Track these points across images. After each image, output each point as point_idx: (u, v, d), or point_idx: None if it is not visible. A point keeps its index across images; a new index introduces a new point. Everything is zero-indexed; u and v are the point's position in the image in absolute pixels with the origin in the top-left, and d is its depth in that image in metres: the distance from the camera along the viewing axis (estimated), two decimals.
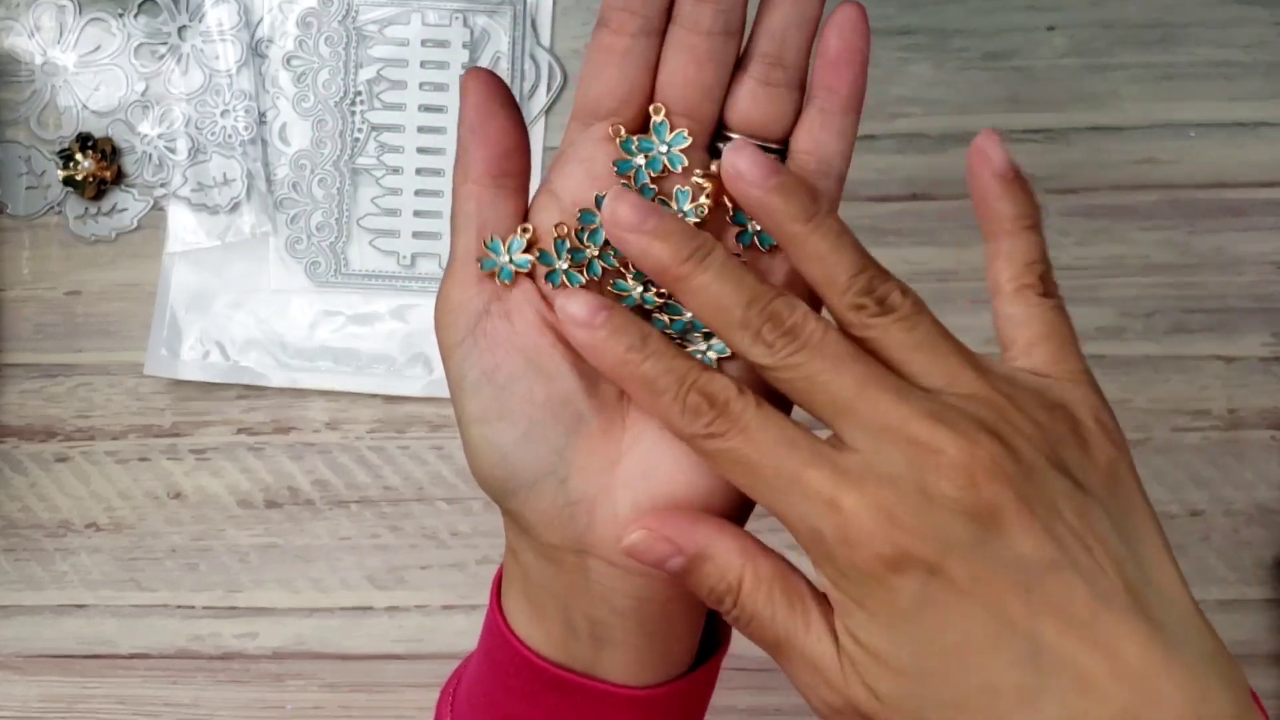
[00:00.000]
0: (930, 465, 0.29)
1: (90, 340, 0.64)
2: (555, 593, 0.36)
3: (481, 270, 0.35)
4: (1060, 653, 0.29)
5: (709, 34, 0.33)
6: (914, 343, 0.31)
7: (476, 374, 0.34)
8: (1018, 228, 0.33)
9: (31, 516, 0.64)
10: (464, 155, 0.35)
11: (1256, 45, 0.63)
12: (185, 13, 0.64)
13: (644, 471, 0.34)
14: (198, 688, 0.64)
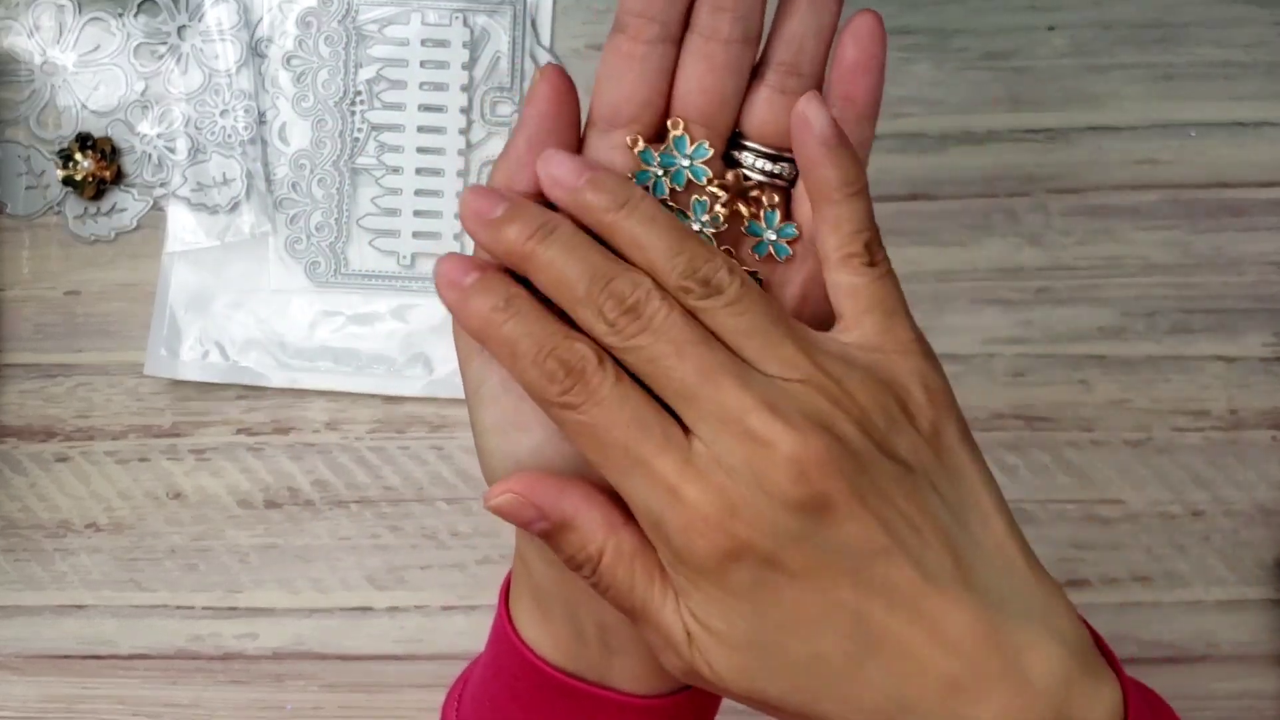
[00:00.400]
0: (765, 459, 0.29)
1: (90, 340, 0.64)
2: (564, 599, 0.36)
3: None
4: (885, 627, 0.30)
5: (727, 42, 0.33)
6: (744, 328, 0.31)
7: (494, 383, 0.34)
8: (843, 195, 0.33)
9: (31, 517, 0.64)
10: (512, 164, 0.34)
11: (1257, 45, 0.63)
12: (185, 12, 0.64)
13: None
14: (198, 688, 0.63)
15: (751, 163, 0.34)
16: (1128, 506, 0.63)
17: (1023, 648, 0.30)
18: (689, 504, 0.30)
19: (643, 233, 0.32)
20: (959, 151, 0.63)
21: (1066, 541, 0.63)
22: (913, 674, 0.30)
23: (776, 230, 0.34)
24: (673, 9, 0.33)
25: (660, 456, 0.30)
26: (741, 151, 0.34)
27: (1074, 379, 0.63)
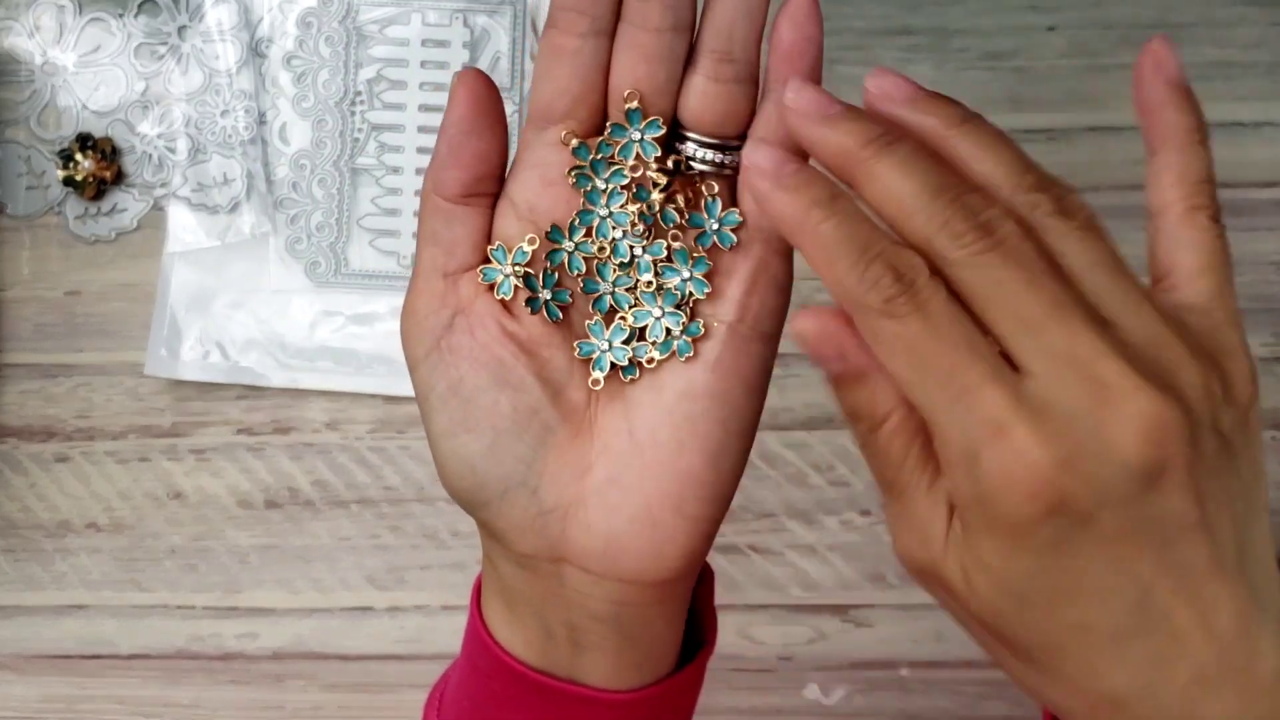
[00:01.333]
0: (1112, 412, 0.27)
1: (90, 340, 0.64)
2: (531, 599, 0.36)
3: (481, 280, 0.34)
4: (1165, 607, 0.29)
5: (658, 31, 0.32)
6: (1093, 259, 0.29)
7: (443, 387, 0.34)
8: (1191, 140, 0.31)
9: (31, 517, 0.64)
10: (439, 167, 0.34)
11: (1257, 45, 0.63)
12: (185, 13, 0.64)
13: (613, 479, 0.34)
14: (198, 688, 0.63)
15: (694, 153, 0.34)
16: None
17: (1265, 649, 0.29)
18: (1017, 445, 0.27)
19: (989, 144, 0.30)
20: None
21: None
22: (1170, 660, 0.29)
23: (719, 219, 0.34)
24: (602, 3, 0.33)
25: (989, 385, 0.28)
26: (683, 143, 0.34)
27: None
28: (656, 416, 0.34)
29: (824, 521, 0.63)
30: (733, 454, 0.35)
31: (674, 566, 0.35)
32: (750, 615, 0.63)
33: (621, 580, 0.35)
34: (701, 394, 0.34)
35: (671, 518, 0.34)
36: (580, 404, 0.35)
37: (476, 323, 0.34)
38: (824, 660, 0.63)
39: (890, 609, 0.63)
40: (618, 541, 0.34)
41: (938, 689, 0.63)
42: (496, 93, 0.34)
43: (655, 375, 0.34)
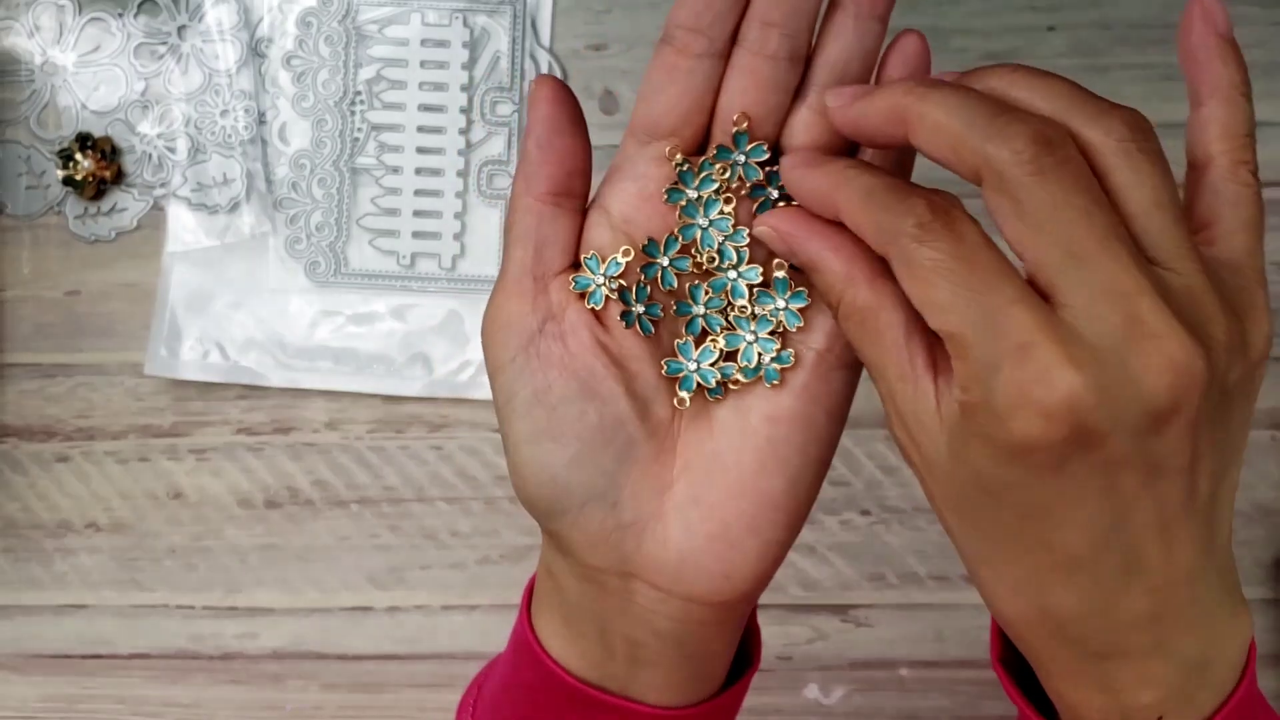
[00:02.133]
0: (1144, 351, 0.28)
1: (90, 340, 0.64)
2: (594, 614, 0.36)
3: (573, 288, 0.34)
4: (1134, 540, 0.29)
5: (773, 58, 0.32)
6: (1156, 200, 0.29)
7: (528, 393, 0.34)
8: (1239, 94, 0.32)
9: (31, 517, 0.64)
10: (528, 168, 0.34)
11: (1256, 45, 0.63)
12: (185, 13, 0.64)
13: (695, 497, 0.34)
14: (198, 688, 0.63)
15: None
16: None
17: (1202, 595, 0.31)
18: (1040, 364, 0.27)
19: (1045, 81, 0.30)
20: None
21: None
22: (1117, 592, 0.30)
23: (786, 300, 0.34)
24: (721, 25, 0.33)
25: (1018, 306, 0.28)
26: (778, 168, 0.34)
27: None
28: (740, 439, 0.34)
29: (824, 521, 0.63)
30: (810, 479, 0.35)
31: (743, 588, 0.35)
32: None
33: (690, 599, 0.35)
34: (785, 419, 0.34)
35: (748, 539, 0.34)
36: (665, 421, 0.35)
37: (569, 330, 0.34)
38: (824, 660, 0.63)
39: (890, 609, 0.63)
40: (692, 559, 0.34)
41: (937, 689, 0.63)
42: (574, 97, 0.34)
43: (740, 398, 0.34)
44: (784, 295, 0.34)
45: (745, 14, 0.33)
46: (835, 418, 0.35)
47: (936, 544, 0.63)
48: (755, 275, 0.34)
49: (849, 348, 0.34)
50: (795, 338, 0.34)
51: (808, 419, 0.34)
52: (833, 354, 0.34)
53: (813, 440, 0.34)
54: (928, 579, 0.63)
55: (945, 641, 0.63)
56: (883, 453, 0.63)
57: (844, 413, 0.35)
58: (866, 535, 0.63)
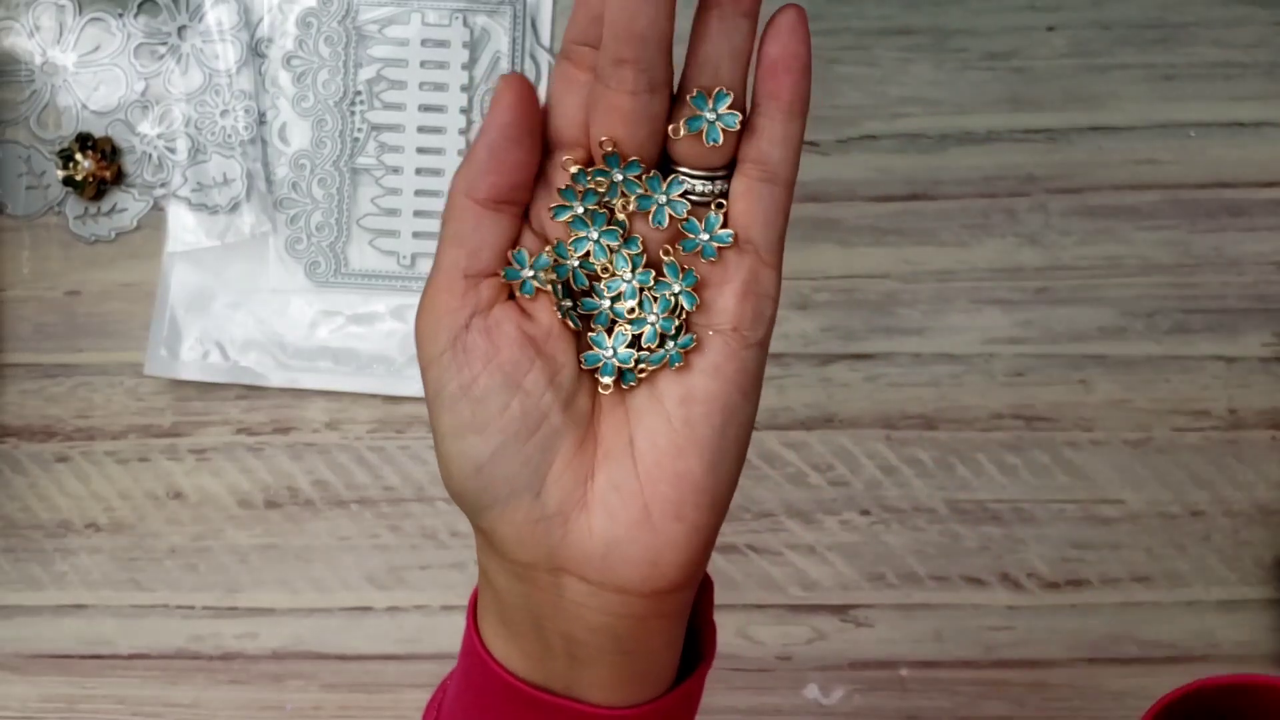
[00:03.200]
0: None
1: (90, 340, 0.64)
2: (529, 612, 0.36)
3: (503, 279, 0.35)
4: None
5: (634, 94, 0.33)
6: None
7: (454, 387, 0.34)
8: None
9: (31, 517, 0.64)
10: (473, 170, 0.34)
11: (1256, 45, 0.63)
12: (185, 13, 0.64)
13: (615, 484, 0.35)
14: (197, 688, 0.63)
15: (687, 184, 0.34)
16: (1127, 506, 0.63)
17: None
18: None
19: None
20: (959, 151, 0.63)
21: (1066, 541, 0.63)
22: None
23: (713, 234, 0.35)
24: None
25: None
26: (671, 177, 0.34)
27: (1074, 379, 0.63)
28: (655, 423, 0.35)
29: (823, 521, 0.63)
30: (730, 460, 0.35)
31: (671, 575, 0.35)
32: (749, 615, 0.63)
33: (620, 590, 0.35)
34: (699, 400, 0.35)
35: (670, 524, 0.34)
36: (587, 412, 0.35)
37: (494, 325, 0.35)
38: (823, 660, 0.63)
39: (889, 609, 0.63)
40: (617, 548, 0.35)
41: (937, 689, 0.63)
42: (538, 102, 0.34)
43: (654, 383, 0.35)
44: (677, 279, 0.35)
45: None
46: (749, 396, 0.35)
47: (936, 544, 0.63)
48: (648, 279, 0.35)
49: (755, 326, 0.35)
50: (700, 319, 0.35)
51: (722, 399, 0.35)
52: (738, 334, 0.35)
53: (730, 420, 0.35)
54: (927, 579, 0.63)
55: (945, 641, 0.63)
56: (883, 453, 0.63)
57: (756, 391, 0.36)
58: (866, 535, 0.63)
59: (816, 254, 0.63)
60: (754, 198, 0.34)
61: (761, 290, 0.35)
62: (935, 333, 0.63)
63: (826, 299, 0.63)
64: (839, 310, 0.63)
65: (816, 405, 0.63)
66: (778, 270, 0.35)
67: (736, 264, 0.35)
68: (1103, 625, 0.62)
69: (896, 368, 0.63)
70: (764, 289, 0.35)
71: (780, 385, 0.63)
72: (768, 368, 0.60)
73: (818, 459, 0.63)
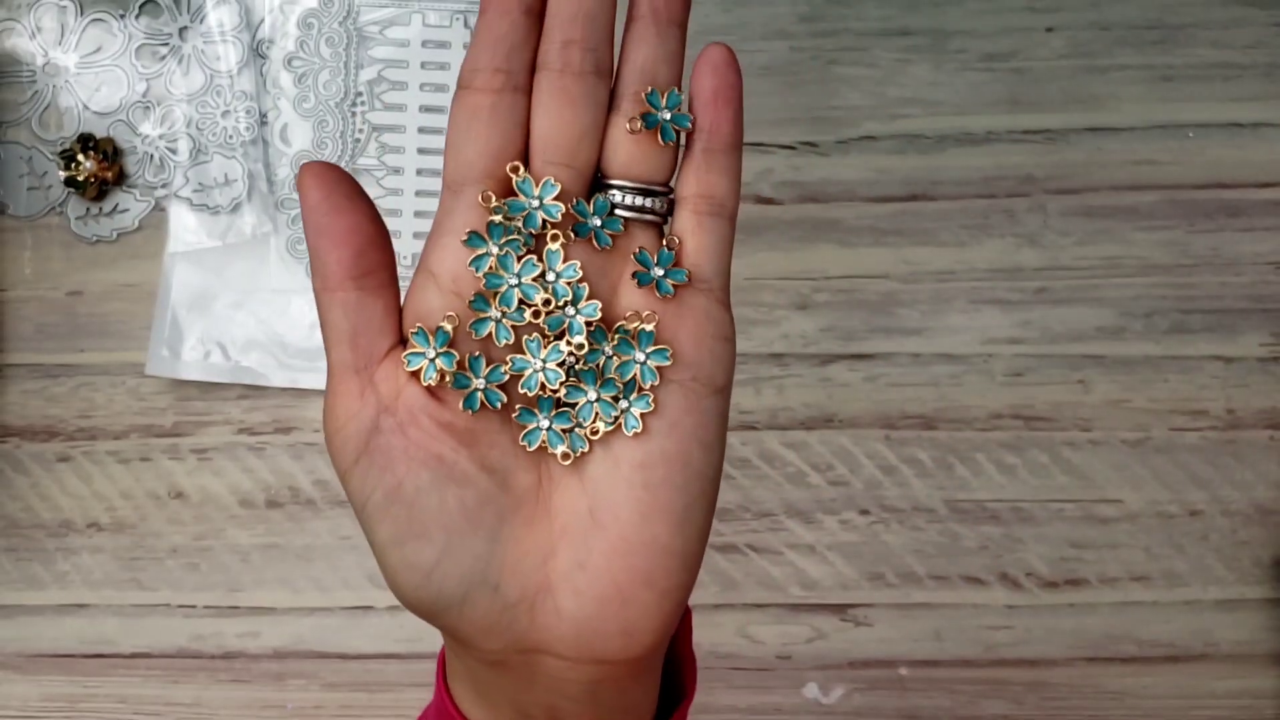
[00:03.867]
0: None
1: (92, 340, 0.64)
2: (504, 690, 0.35)
3: (406, 368, 0.32)
4: None
5: (579, 74, 0.32)
6: None
7: (380, 495, 0.32)
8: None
9: (33, 516, 0.64)
10: (316, 260, 0.32)
11: (1255, 46, 0.63)
12: (186, 14, 0.64)
13: (579, 562, 0.32)
14: (199, 687, 0.64)
15: (621, 200, 0.32)
16: (1126, 506, 0.63)
17: None
18: None
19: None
20: (958, 152, 0.64)
21: (1065, 541, 0.63)
22: None
23: (666, 270, 0.33)
24: (519, 56, 0.32)
25: None
26: (608, 191, 0.33)
27: (1072, 379, 0.63)
28: (615, 491, 0.32)
29: (823, 521, 0.63)
30: (698, 514, 0.33)
31: (647, 641, 0.33)
32: (749, 614, 0.63)
33: (595, 662, 0.33)
34: (658, 461, 0.32)
35: (643, 593, 0.32)
36: (531, 486, 0.33)
37: (407, 419, 0.32)
38: (823, 659, 0.63)
39: (889, 608, 0.63)
40: (589, 625, 0.33)
41: (936, 688, 0.63)
42: (346, 173, 0.33)
43: (608, 447, 0.32)
44: (645, 348, 0.32)
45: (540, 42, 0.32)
46: (711, 447, 0.33)
47: (936, 544, 0.63)
48: (594, 311, 0.32)
49: (714, 373, 0.33)
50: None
51: (682, 457, 0.32)
52: (698, 382, 0.33)
53: (693, 477, 0.33)
54: (927, 578, 0.63)
55: (944, 641, 0.63)
56: (882, 453, 0.63)
57: (719, 441, 0.33)
58: (866, 535, 0.63)
59: (816, 254, 0.63)
60: (704, 232, 0.33)
61: (718, 332, 0.33)
62: (934, 333, 0.63)
63: (826, 299, 0.64)
64: (838, 310, 0.63)
65: (816, 405, 0.63)
66: (729, 307, 0.34)
67: (690, 304, 0.33)
68: (1101, 624, 0.63)
69: (896, 368, 0.63)
70: (720, 330, 0.33)
71: (780, 385, 0.63)
72: (768, 368, 0.60)
73: (817, 459, 0.63)
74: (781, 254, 0.64)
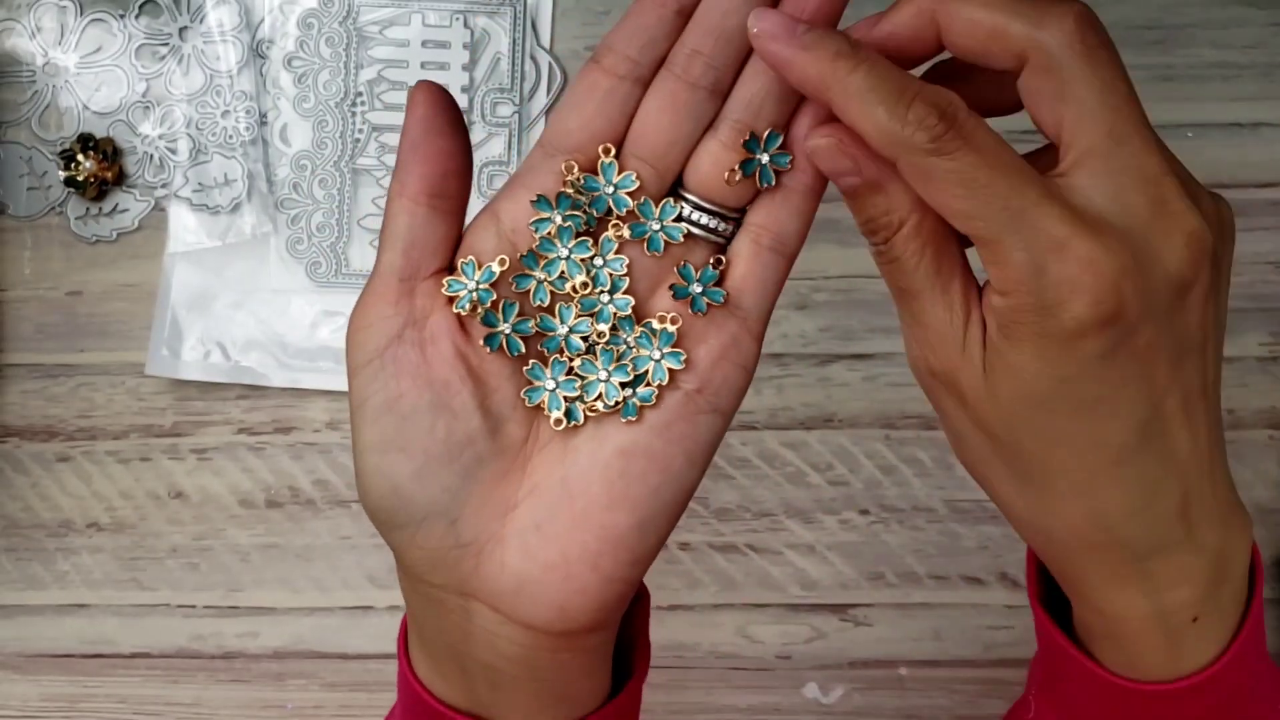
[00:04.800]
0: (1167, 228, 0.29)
1: (91, 340, 0.64)
2: (442, 637, 0.36)
3: (446, 290, 0.33)
4: (1166, 425, 0.31)
5: (694, 86, 0.32)
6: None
7: (379, 401, 0.33)
8: None
9: (33, 516, 0.64)
10: (401, 169, 0.34)
11: (1254, 46, 0.63)
12: (186, 14, 0.64)
13: (537, 523, 0.33)
14: (199, 687, 0.64)
15: (691, 215, 0.33)
16: None
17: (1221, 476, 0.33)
18: (1082, 255, 0.29)
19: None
20: None
21: None
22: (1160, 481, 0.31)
23: (706, 288, 0.33)
24: (651, 50, 0.32)
25: (1047, 203, 0.29)
26: (681, 202, 0.33)
27: None
28: (592, 468, 0.33)
29: (823, 521, 0.63)
30: (660, 523, 0.34)
31: (580, 620, 0.34)
32: (749, 614, 0.63)
33: (527, 626, 0.34)
34: (641, 454, 0.33)
35: (586, 573, 0.33)
36: (518, 441, 0.34)
37: (429, 338, 0.33)
38: (823, 659, 0.63)
39: (889, 608, 0.63)
40: (528, 588, 0.33)
41: (936, 688, 0.63)
42: (453, 100, 0.34)
43: (599, 425, 0.33)
44: (664, 347, 0.33)
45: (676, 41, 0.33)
46: (695, 462, 0.34)
47: (935, 543, 0.63)
48: (626, 306, 0.33)
49: (721, 394, 0.34)
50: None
51: (664, 459, 0.33)
52: (703, 396, 0.33)
53: (667, 482, 0.33)
54: (927, 578, 0.63)
55: (944, 641, 0.63)
56: (882, 452, 0.63)
57: (704, 459, 0.34)
58: (865, 534, 0.63)
59: (816, 254, 0.64)
60: (758, 264, 0.34)
61: (739, 359, 0.34)
62: None
63: (826, 299, 0.64)
64: (838, 310, 0.63)
65: (816, 405, 0.63)
66: (760, 341, 0.34)
67: (720, 324, 0.34)
68: None
69: (896, 367, 0.63)
70: (741, 358, 0.34)
71: (779, 385, 0.63)
72: (768, 368, 0.60)
73: (817, 459, 0.63)
74: None
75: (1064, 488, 0.32)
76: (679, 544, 0.63)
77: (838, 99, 0.30)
